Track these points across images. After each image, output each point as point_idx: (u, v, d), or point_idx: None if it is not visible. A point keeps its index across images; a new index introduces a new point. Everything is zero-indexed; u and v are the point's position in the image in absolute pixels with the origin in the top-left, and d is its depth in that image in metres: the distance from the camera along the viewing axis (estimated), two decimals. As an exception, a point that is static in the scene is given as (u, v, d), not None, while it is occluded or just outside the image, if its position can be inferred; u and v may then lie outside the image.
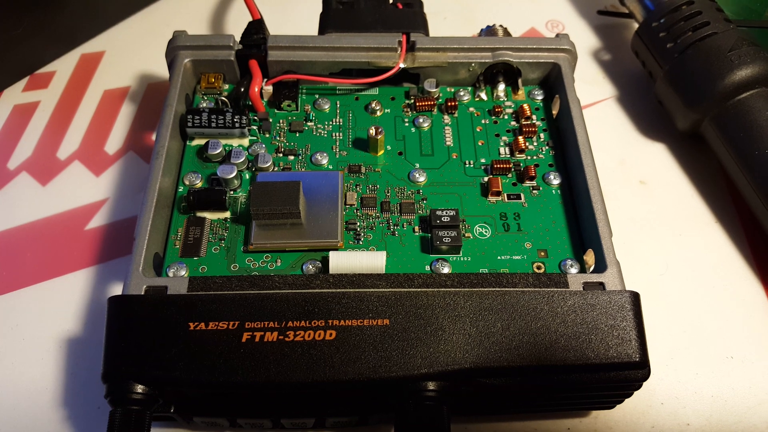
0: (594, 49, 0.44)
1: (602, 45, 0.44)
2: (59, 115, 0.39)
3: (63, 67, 0.42)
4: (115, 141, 0.38)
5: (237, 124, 0.31)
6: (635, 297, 0.26)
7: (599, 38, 0.44)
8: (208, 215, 0.30)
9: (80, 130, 0.39)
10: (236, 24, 0.44)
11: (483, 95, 0.35)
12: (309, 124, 0.33)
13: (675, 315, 0.32)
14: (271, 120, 0.33)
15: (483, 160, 0.32)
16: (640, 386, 0.26)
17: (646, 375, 0.25)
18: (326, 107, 0.34)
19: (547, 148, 0.33)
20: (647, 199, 0.36)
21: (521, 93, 0.35)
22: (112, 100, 0.40)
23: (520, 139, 0.32)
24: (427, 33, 0.35)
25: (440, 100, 0.34)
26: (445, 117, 0.34)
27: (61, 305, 0.32)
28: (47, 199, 0.36)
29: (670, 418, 0.30)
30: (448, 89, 0.35)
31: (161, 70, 0.40)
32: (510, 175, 0.32)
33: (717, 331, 0.32)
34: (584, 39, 0.44)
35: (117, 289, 0.32)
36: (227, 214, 0.30)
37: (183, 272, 0.28)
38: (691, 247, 0.35)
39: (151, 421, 0.25)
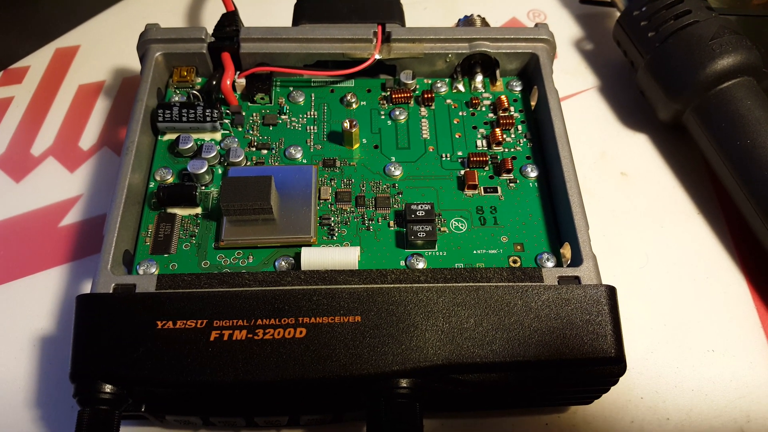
0: (576, 39, 0.43)
1: (584, 35, 0.43)
2: (33, 111, 0.39)
3: (37, 61, 0.41)
4: (89, 136, 0.38)
5: (208, 118, 0.31)
6: (611, 291, 0.26)
7: (581, 28, 0.44)
8: (179, 211, 0.29)
9: (54, 125, 0.38)
10: (213, 17, 0.43)
11: (461, 87, 0.34)
12: (283, 117, 0.33)
13: (655, 308, 0.32)
14: (243, 113, 0.32)
15: (460, 153, 0.32)
16: (616, 381, 0.26)
17: (622, 370, 0.25)
18: (301, 100, 0.33)
19: (524, 140, 0.32)
20: (628, 191, 0.36)
21: (499, 84, 0.34)
22: (86, 95, 0.40)
23: (498, 131, 0.32)
24: (403, 23, 0.35)
25: (417, 92, 0.34)
26: (422, 109, 0.33)
27: (34, 303, 0.32)
28: (21, 195, 0.35)
29: (649, 412, 0.29)
30: (425, 81, 0.34)
31: (136, 64, 0.40)
32: (487, 168, 0.31)
33: (698, 324, 0.32)
34: (566, 29, 0.43)
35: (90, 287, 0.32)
36: (198, 210, 0.29)
37: (153, 270, 0.28)
38: (673, 239, 0.34)
39: (120, 421, 0.24)
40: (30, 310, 0.32)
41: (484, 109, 0.34)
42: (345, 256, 0.27)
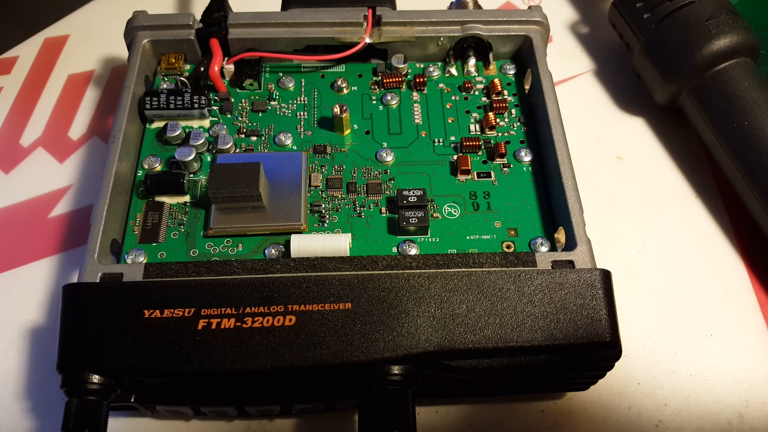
0: (571, 23, 0.42)
1: (580, 18, 0.43)
2: (22, 101, 0.38)
3: (26, 51, 0.41)
4: (79, 126, 0.37)
5: (196, 105, 0.30)
6: (606, 275, 0.25)
7: (577, 11, 0.43)
8: (167, 200, 0.29)
9: (44, 116, 0.38)
10: (201, 4, 0.42)
11: (453, 71, 0.34)
12: (272, 103, 0.32)
13: (653, 293, 0.32)
14: (232, 100, 0.32)
15: (453, 138, 0.31)
16: (612, 366, 0.26)
17: (618, 355, 0.25)
18: (290, 85, 0.33)
19: (518, 124, 0.32)
20: (625, 175, 0.35)
21: (492, 68, 0.34)
22: (76, 85, 0.39)
23: (491, 115, 0.31)
24: (393, 6, 0.34)
25: (409, 77, 0.33)
26: (414, 94, 0.33)
27: (24, 295, 0.32)
28: (10, 187, 0.35)
29: (647, 398, 0.29)
30: (417, 65, 0.34)
31: (126, 53, 0.39)
32: (480, 153, 0.31)
33: (696, 308, 0.31)
34: (561, 12, 0.43)
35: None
36: (186, 198, 0.29)
37: (141, 258, 0.27)
38: (670, 224, 0.34)
39: (109, 411, 0.24)
40: (20, 301, 0.31)
41: (477, 93, 0.33)
42: (336, 243, 0.27)
